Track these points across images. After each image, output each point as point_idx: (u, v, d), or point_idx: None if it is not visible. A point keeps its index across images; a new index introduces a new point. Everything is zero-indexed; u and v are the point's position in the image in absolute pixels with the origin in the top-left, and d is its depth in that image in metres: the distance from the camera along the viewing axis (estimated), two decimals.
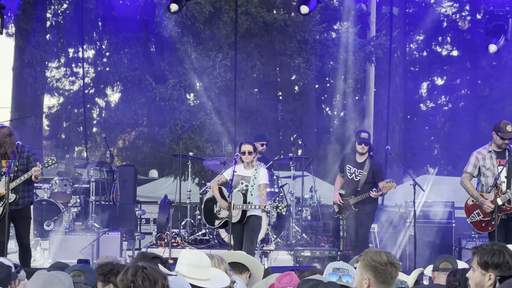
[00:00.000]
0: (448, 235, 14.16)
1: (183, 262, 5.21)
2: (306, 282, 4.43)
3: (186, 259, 5.22)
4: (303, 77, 20.37)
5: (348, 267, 5.31)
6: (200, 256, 5.29)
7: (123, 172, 16.09)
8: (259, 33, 19.56)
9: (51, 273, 4.41)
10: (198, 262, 5.22)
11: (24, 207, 10.90)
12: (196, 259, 5.24)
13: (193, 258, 5.23)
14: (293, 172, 14.78)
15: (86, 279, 5.29)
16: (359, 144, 12.32)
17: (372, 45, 19.90)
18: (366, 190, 12.20)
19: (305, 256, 13.14)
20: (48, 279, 4.35)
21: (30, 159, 10.78)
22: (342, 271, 5.26)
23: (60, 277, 4.37)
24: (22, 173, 10.68)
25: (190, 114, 18.80)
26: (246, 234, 11.09)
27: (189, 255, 5.27)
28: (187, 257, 5.24)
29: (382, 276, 5.00)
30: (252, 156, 11.13)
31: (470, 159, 10.96)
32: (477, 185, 11.06)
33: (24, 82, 20.82)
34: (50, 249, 13.38)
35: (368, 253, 5.08)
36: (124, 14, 19.05)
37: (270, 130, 22.05)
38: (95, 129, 23.57)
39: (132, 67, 19.19)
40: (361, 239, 12.39)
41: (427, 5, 27.94)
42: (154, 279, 4.43)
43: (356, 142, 12.37)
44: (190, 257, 5.24)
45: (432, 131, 29.67)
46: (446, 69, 29.72)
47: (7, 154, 10.70)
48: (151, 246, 14.07)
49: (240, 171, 11.20)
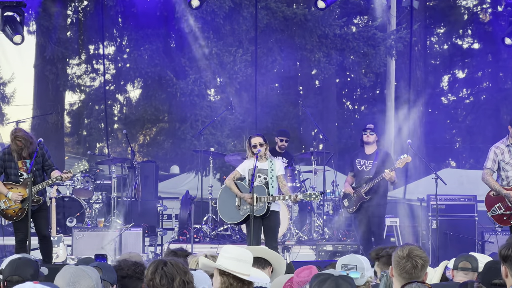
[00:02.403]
0: (471, 228, 14.10)
1: (227, 256, 5.23)
2: (318, 277, 4.45)
3: (230, 253, 5.25)
4: (323, 72, 20.30)
5: (357, 263, 5.33)
6: (244, 251, 5.32)
7: (144, 168, 16.12)
8: (279, 28, 19.51)
9: (78, 267, 4.44)
10: (243, 256, 5.24)
11: (44, 203, 11.02)
12: (241, 253, 5.26)
13: (238, 252, 5.25)
14: (314, 166, 14.77)
15: (104, 275, 5.31)
16: (364, 132, 12.41)
17: (393, 39, 19.80)
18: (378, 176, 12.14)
19: (327, 250, 13.12)
20: (76, 273, 4.37)
21: (45, 156, 10.88)
22: (350, 267, 5.29)
23: (88, 272, 4.39)
24: (38, 172, 10.82)
25: (211, 109, 18.80)
26: (268, 231, 11.04)
27: (233, 249, 5.30)
28: (231, 252, 5.26)
29: (397, 269, 5.09)
30: (264, 148, 11.08)
31: (489, 154, 10.89)
32: (497, 179, 11.00)
33: (46, 79, 20.93)
34: (73, 246, 13.44)
35: (400, 246, 5.20)
36: (144, 10, 19.05)
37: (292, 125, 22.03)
38: (116, 126, 23.62)
39: (152, 63, 19.20)
40: (375, 231, 12.32)
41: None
42: (172, 276, 4.46)
43: (362, 132, 12.45)
44: (234, 251, 5.27)
45: (454, 124, 29.55)
46: (468, 62, 29.59)
47: (23, 155, 10.77)
48: (173, 242, 14.10)
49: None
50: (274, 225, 11.07)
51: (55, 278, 4.43)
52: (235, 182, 11.39)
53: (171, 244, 13.60)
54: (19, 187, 10.80)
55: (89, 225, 14.41)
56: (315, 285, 4.36)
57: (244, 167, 11.25)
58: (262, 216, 10.96)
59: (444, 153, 27.96)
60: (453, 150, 29.67)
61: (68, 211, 14.66)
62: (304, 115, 23.53)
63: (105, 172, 16.43)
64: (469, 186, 18.19)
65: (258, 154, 10.89)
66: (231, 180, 11.41)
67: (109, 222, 14.46)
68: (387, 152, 12.90)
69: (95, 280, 4.39)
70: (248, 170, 11.11)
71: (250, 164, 11.05)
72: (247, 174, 11.12)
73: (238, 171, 11.36)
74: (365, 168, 12.36)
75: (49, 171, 10.88)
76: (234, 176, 11.41)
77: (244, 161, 11.47)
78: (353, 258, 5.45)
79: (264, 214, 10.96)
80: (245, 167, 11.23)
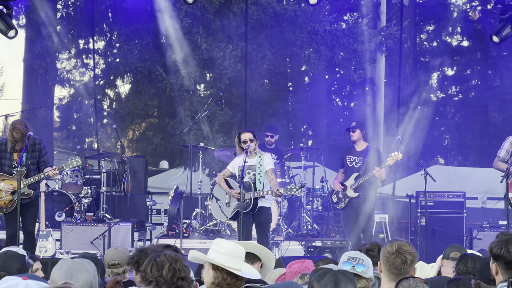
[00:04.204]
0: (459, 225, 14.17)
1: (219, 250, 5.10)
2: (317, 271, 4.47)
3: (223, 247, 5.13)
4: (313, 68, 20.31)
5: (363, 257, 5.34)
6: (237, 246, 5.23)
7: (134, 163, 16.13)
8: (269, 24, 19.50)
9: (75, 260, 4.45)
10: (235, 251, 5.15)
11: (35, 199, 11.01)
12: (234, 248, 5.17)
13: (231, 247, 5.17)
14: (304, 162, 14.80)
15: None
16: (348, 132, 12.56)
17: (383, 35, 19.82)
18: (368, 173, 12.20)
19: (316, 246, 13.15)
20: (72, 266, 4.39)
21: (42, 152, 10.88)
22: (356, 260, 5.30)
23: (84, 265, 4.41)
24: (33, 166, 10.83)
25: (200, 105, 18.79)
26: (259, 227, 11.07)
27: (226, 244, 5.18)
28: (224, 246, 5.14)
29: (386, 264, 5.10)
30: (254, 144, 11.08)
31: (504, 143, 11.01)
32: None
33: (35, 73, 20.85)
34: (62, 240, 13.42)
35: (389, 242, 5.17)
36: (134, 5, 19.02)
37: (281, 120, 21.99)
38: (106, 120, 23.57)
39: (142, 58, 19.18)
40: (364, 227, 12.35)
41: None
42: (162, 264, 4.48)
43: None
44: (227, 245, 5.16)
45: (443, 121, 29.59)
46: (457, 59, 29.63)
47: (16, 148, 10.76)
48: (162, 237, 14.11)
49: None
50: (265, 220, 11.08)
51: (52, 271, 4.44)
52: (226, 180, 11.43)
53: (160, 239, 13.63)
54: (12, 179, 10.79)
55: (78, 219, 14.40)
56: (314, 279, 4.38)
57: (234, 165, 11.30)
58: (252, 212, 10.97)
59: (432, 150, 27.99)
60: (442, 147, 29.73)
61: (57, 205, 14.64)
62: (294, 111, 23.55)
63: (95, 166, 16.39)
64: (458, 183, 18.26)
65: (247, 149, 10.89)
66: (221, 177, 11.47)
67: (98, 216, 14.45)
68: (378, 149, 12.96)
69: (92, 273, 4.40)
70: (237, 167, 11.14)
71: (239, 161, 11.08)
72: (237, 171, 11.15)
73: (228, 169, 11.42)
74: (355, 164, 12.42)
75: (43, 168, 10.88)
76: (224, 174, 11.47)
77: (235, 159, 11.53)
78: (359, 253, 5.47)
79: (252, 209, 10.97)
80: (235, 164, 11.28)
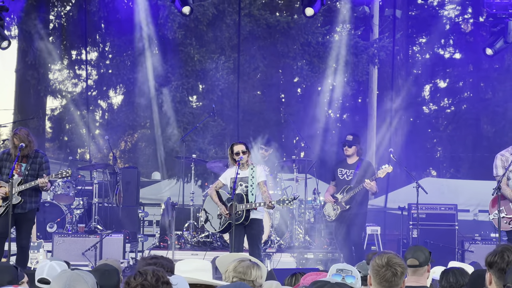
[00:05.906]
0: (451, 237, 14.17)
1: (186, 270, 5.12)
2: (315, 283, 4.46)
3: (188, 266, 5.16)
4: (305, 79, 20.37)
5: (352, 268, 5.34)
6: (200, 261, 5.26)
7: (126, 174, 16.09)
8: (262, 36, 19.55)
9: (74, 272, 4.42)
10: (202, 266, 5.17)
11: (30, 211, 11.02)
12: (198, 264, 5.19)
13: (195, 264, 5.18)
14: (296, 174, 14.78)
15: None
16: (343, 146, 12.46)
17: (375, 48, 19.88)
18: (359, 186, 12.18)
19: (308, 258, 13.12)
20: (72, 277, 4.36)
21: (43, 166, 10.93)
22: (345, 272, 5.29)
23: (84, 276, 4.39)
24: (31, 178, 10.90)
25: (193, 116, 18.80)
26: (250, 239, 11.03)
27: (187, 263, 5.22)
28: (188, 265, 5.17)
29: (377, 278, 5.07)
30: (246, 156, 11.06)
31: (496, 162, 10.86)
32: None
33: (27, 84, 20.84)
34: (53, 251, 13.38)
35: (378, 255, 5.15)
36: (127, 16, 19.03)
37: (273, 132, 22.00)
38: (98, 131, 23.53)
39: (135, 69, 19.18)
40: (355, 240, 12.30)
41: (430, 7, 27.97)
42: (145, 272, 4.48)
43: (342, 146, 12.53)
44: (191, 264, 5.19)
45: (435, 133, 29.66)
46: (449, 71, 29.73)
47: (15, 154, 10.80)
48: (154, 248, 14.07)
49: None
50: (257, 232, 11.04)
51: (51, 282, 4.42)
52: (217, 191, 11.41)
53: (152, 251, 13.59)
54: (7, 187, 10.80)
55: (70, 230, 14.36)
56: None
57: (226, 176, 11.27)
58: (243, 224, 10.93)
59: (424, 162, 28.04)
60: (434, 159, 29.79)
61: (48, 216, 14.61)
62: (286, 123, 23.55)
63: (87, 177, 16.36)
64: (450, 195, 18.28)
65: (240, 161, 10.87)
66: (213, 189, 11.44)
67: (90, 227, 14.41)
68: (369, 161, 12.94)
69: (91, 285, 4.38)
70: (230, 178, 11.11)
71: (232, 173, 11.04)
72: (229, 182, 11.13)
73: (221, 181, 11.38)
74: (346, 177, 12.40)
75: None
76: (216, 186, 11.43)
77: (227, 170, 11.50)
78: (347, 265, 5.47)
79: (243, 222, 10.93)
80: (227, 176, 11.25)
